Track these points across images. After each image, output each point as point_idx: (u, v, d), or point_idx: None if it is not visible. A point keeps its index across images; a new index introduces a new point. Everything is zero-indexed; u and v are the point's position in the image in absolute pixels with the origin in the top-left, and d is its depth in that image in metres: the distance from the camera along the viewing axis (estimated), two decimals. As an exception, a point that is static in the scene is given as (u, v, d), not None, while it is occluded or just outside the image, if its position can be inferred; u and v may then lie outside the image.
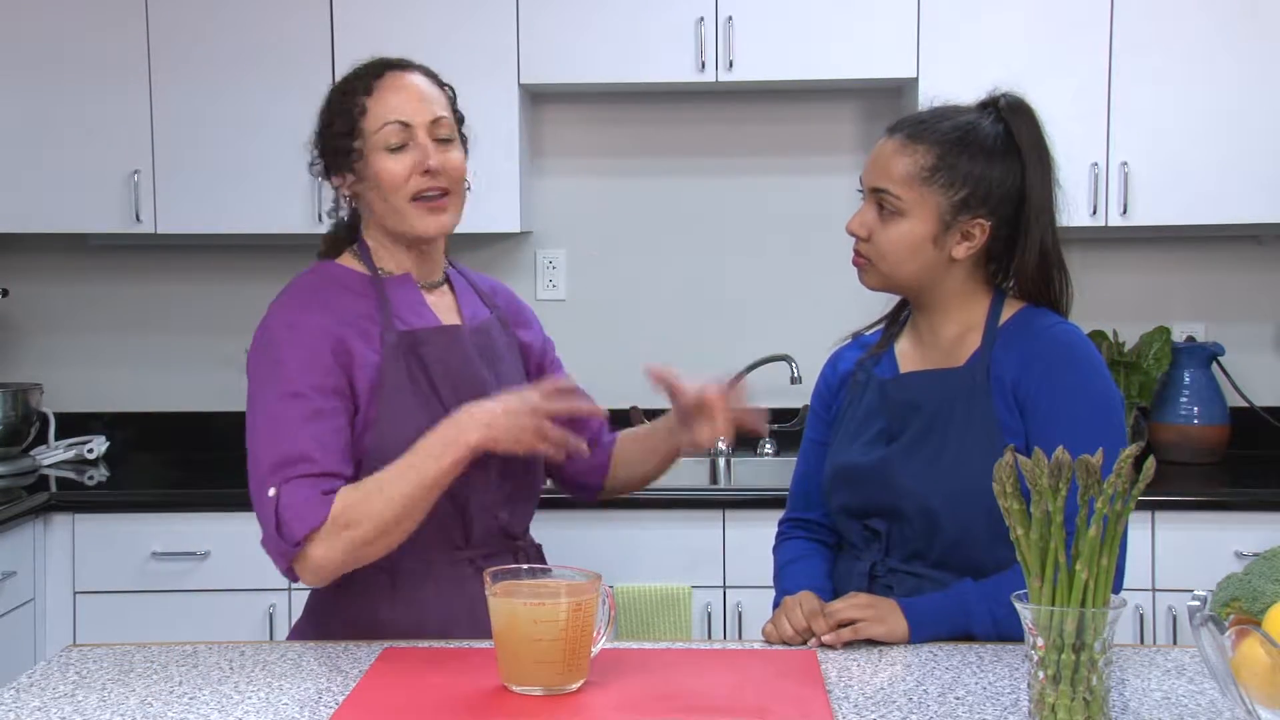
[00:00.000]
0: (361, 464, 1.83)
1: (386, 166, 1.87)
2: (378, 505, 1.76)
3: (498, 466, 1.91)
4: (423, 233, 1.91)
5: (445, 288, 2.00)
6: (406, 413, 1.85)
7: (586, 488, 2.15)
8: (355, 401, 1.84)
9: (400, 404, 1.85)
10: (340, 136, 1.90)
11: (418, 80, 1.92)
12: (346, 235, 1.99)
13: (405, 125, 1.88)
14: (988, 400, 1.86)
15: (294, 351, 1.82)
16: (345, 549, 1.77)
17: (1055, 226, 1.91)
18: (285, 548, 1.77)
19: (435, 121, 1.90)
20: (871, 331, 2.08)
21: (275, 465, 1.78)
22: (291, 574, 1.81)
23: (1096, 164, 3.38)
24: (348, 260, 1.95)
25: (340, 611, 1.89)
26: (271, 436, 1.80)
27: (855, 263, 1.94)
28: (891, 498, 1.89)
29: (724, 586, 3.22)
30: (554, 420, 1.83)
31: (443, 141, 1.91)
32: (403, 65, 1.93)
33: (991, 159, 1.87)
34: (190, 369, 3.86)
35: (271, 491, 1.77)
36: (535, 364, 2.11)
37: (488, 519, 1.92)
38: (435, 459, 1.78)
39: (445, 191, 1.90)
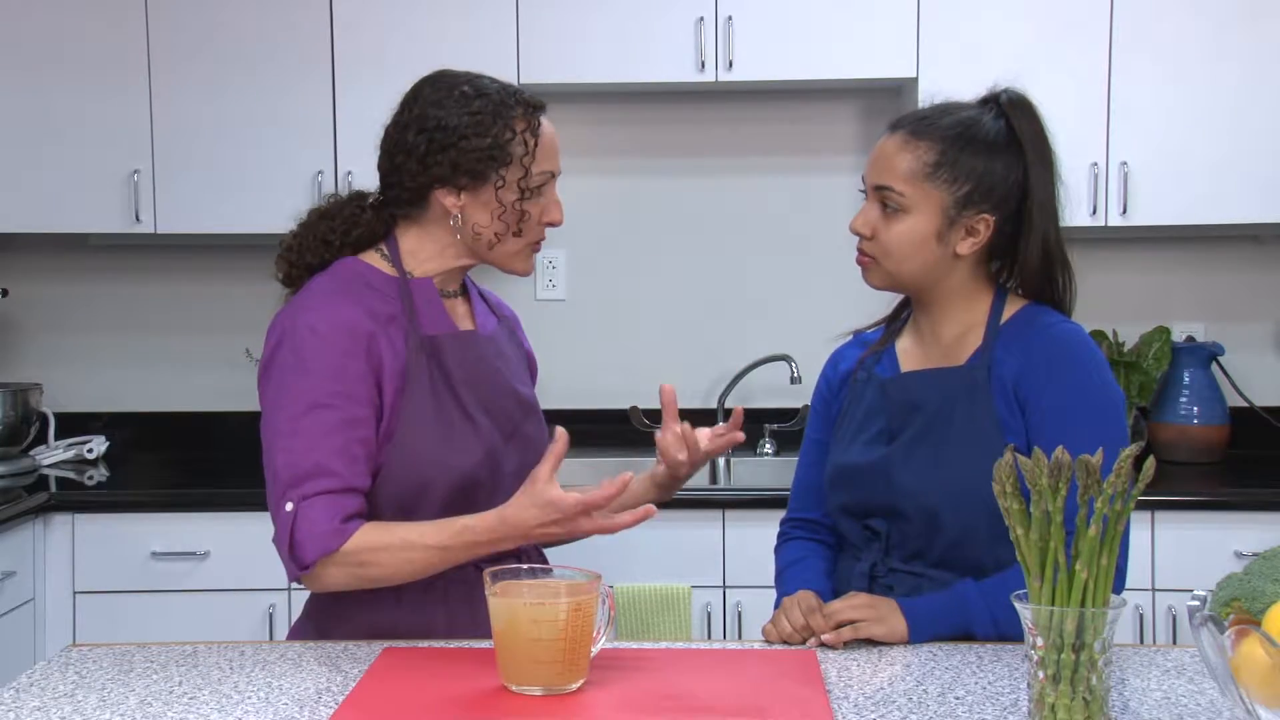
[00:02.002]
0: (381, 469, 1.83)
1: (536, 213, 1.88)
2: (396, 560, 1.78)
3: (512, 470, 1.91)
4: (523, 272, 1.95)
5: (462, 297, 2.00)
6: (428, 419, 1.84)
7: None
8: (380, 403, 1.83)
9: (423, 409, 1.84)
10: (485, 159, 1.84)
11: (553, 128, 1.92)
12: (381, 231, 1.93)
13: (552, 175, 1.91)
14: (989, 399, 1.86)
15: (321, 355, 1.79)
16: (354, 580, 1.80)
17: (1058, 222, 1.91)
18: (294, 568, 1.78)
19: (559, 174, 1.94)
20: (872, 330, 2.08)
21: (294, 479, 1.77)
22: (297, 581, 1.82)
23: (1096, 164, 3.38)
24: (372, 259, 1.92)
25: (342, 617, 1.88)
26: (291, 447, 1.78)
27: (859, 261, 1.93)
28: (892, 497, 1.89)
29: (724, 586, 3.22)
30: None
31: None
32: (543, 108, 1.93)
33: (994, 154, 1.87)
34: (190, 369, 3.87)
35: (289, 506, 1.77)
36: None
37: None
38: (466, 550, 1.79)
39: None
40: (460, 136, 1.84)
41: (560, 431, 1.77)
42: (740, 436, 1.97)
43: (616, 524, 1.75)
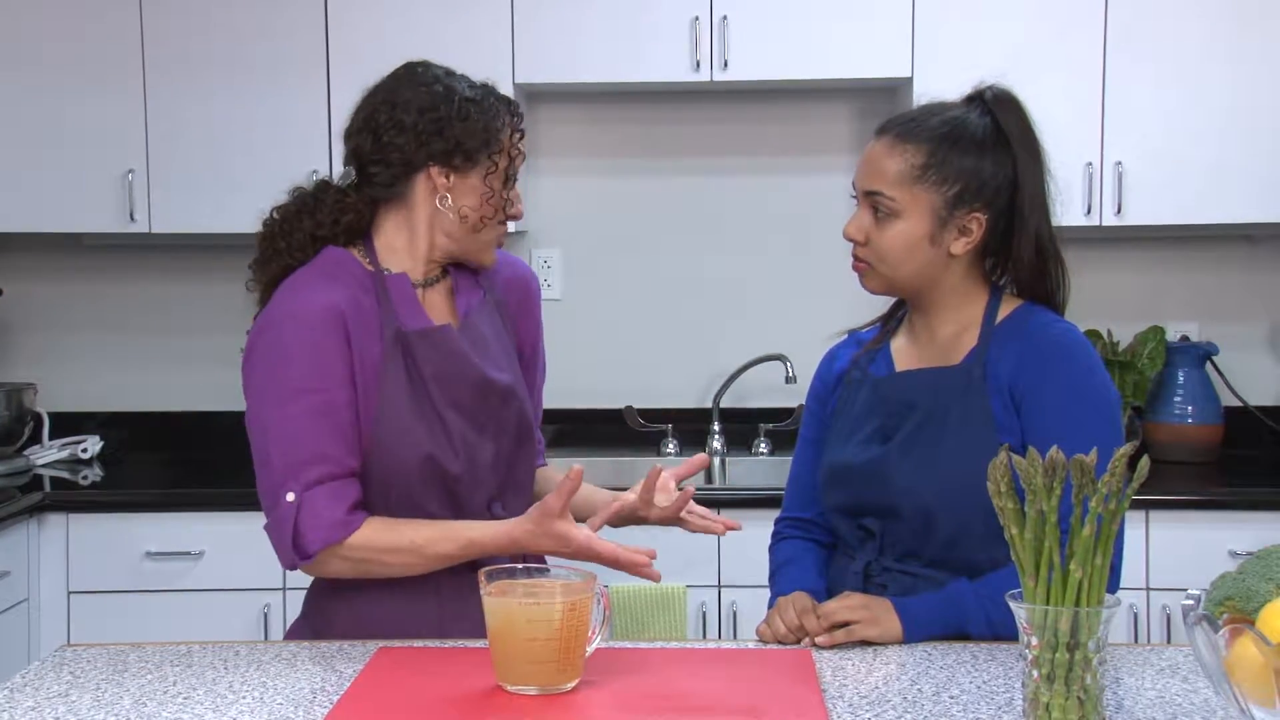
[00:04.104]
0: (359, 466, 1.83)
1: (514, 197, 1.94)
2: (400, 561, 1.82)
3: (488, 460, 1.91)
4: (488, 264, 1.98)
5: (441, 285, 1.98)
6: (403, 411, 1.85)
7: None
8: (357, 385, 1.83)
9: (398, 402, 1.85)
10: (482, 142, 1.88)
11: None
12: (366, 216, 1.94)
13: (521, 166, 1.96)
14: (984, 399, 1.86)
15: (301, 340, 1.80)
16: (355, 572, 1.83)
17: (1049, 216, 1.90)
18: (294, 556, 1.79)
19: None
20: (867, 329, 2.08)
21: (292, 466, 1.78)
22: (293, 568, 1.83)
23: (1091, 163, 3.38)
24: (351, 251, 1.92)
25: (338, 614, 1.89)
26: (283, 434, 1.79)
27: (855, 268, 1.93)
28: (886, 496, 1.89)
29: (719, 586, 3.22)
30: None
31: None
32: (517, 105, 1.97)
33: (982, 152, 1.87)
34: (184, 369, 3.86)
35: (290, 496, 1.78)
36: (523, 356, 2.09)
37: (480, 514, 1.92)
38: (471, 558, 1.83)
39: None
40: (462, 117, 1.88)
41: (575, 469, 1.78)
42: (719, 530, 2.01)
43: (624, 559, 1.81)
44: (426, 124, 1.87)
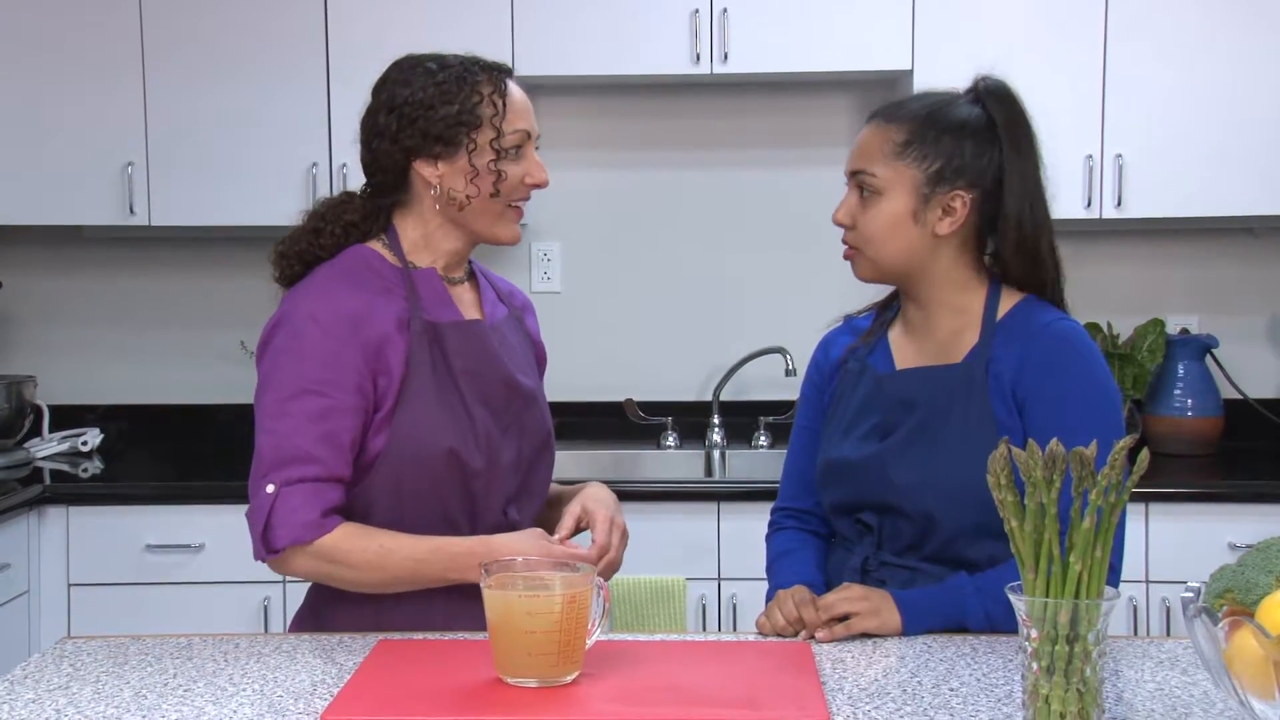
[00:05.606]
0: (379, 455, 1.84)
1: (514, 170, 1.91)
2: (369, 565, 1.81)
3: (510, 461, 1.92)
4: (508, 240, 1.95)
5: (468, 284, 2.00)
6: (429, 404, 1.85)
7: None
8: (377, 393, 1.84)
9: (424, 394, 1.85)
10: (454, 125, 1.86)
11: (523, 91, 1.95)
12: (378, 221, 1.95)
13: (528, 135, 1.92)
14: (986, 398, 1.86)
15: (316, 342, 1.81)
16: (320, 575, 1.84)
17: (1041, 207, 1.90)
18: (262, 549, 1.81)
19: (537, 136, 1.96)
20: (863, 315, 2.07)
21: (278, 461, 1.79)
22: (262, 560, 1.84)
23: (1091, 156, 3.38)
24: (377, 247, 1.93)
25: (343, 608, 1.89)
26: (276, 429, 1.80)
27: (846, 255, 1.95)
28: (886, 493, 1.89)
29: (719, 579, 3.22)
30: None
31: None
32: (510, 72, 1.95)
33: (963, 134, 1.87)
34: (184, 361, 3.86)
35: (270, 488, 1.79)
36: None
37: (496, 516, 1.93)
38: (445, 570, 1.83)
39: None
40: (427, 107, 1.87)
41: (591, 555, 1.85)
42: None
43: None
44: (397, 123, 1.87)
